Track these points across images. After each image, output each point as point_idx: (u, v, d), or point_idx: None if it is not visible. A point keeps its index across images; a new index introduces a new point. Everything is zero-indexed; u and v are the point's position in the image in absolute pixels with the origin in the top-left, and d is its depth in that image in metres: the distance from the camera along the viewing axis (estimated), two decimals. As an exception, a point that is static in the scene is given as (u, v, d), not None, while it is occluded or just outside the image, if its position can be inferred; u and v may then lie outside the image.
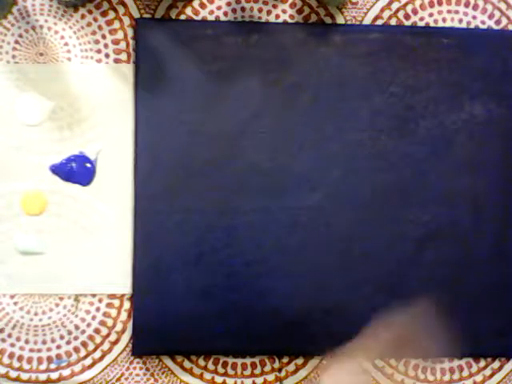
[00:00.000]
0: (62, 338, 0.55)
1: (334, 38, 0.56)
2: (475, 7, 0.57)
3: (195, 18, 0.56)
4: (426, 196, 0.55)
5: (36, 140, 0.55)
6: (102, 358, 0.55)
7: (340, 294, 0.55)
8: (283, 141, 0.55)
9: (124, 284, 0.55)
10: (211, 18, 0.56)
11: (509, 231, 0.56)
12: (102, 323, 0.55)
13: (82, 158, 0.55)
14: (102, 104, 0.55)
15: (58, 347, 0.55)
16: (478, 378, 0.57)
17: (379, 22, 0.57)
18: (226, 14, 0.56)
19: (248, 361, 0.56)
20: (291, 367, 0.56)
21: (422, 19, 0.57)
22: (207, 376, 0.55)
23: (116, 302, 0.55)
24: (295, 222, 0.55)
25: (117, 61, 0.56)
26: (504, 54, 0.56)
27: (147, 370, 0.55)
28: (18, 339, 0.55)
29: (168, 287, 0.54)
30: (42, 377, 0.55)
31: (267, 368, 0.56)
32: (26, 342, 0.55)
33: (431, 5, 0.57)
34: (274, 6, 0.57)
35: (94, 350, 0.55)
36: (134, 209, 0.54)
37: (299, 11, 0.57)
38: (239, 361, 0.56)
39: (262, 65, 0.55)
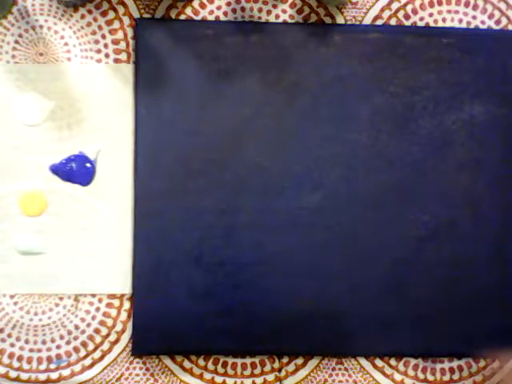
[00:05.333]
0: (61, 338, 0.55)
1: (334, 38, 0.56)
2: (475, 7, 0.57)
3: (195, 18, 0.56)
4: (425, 196, 0.56)
5: (36, 140, 0.55)
6: (101, 358, 0.55)
7: (340, 294, 0.55)
8: (283, 141, 0.55)
9: (124, 284, 0.55)
10: (211, 18, 0.56)
11: (509, 231, 0.56)
12: (102, 323, 0.55)
13: (81, 158, 0.55)
14: (102, 104, 0.55)
15: (58, 347, 0.55)
16: (478, 378, 0.57)
17: (379, 22, 0.57)
18: (225, 14, 0.56)
19: (248, 361, 0.56)
20: (291, 367, 0.56)
21: (421, 19, 0.57)
22: (207, 376, 0.55)
23: (116, 302, 0.55)
24: (295, 222, 0.55)
25: (117, 61, 0.56)
26: (504, 54, 0.56)
27: (147, 370, 0.55)
28: (18, 339, 0.55)
29: (168, 287, 0.54)
30: (42, 377, 0.55)
31: (267, 368, 0.56)
32: (26, 341, 0.55)
33: (431, 5, 0.57)
34: (274, 6, 0.57)
35: (94, 350, 0.55)
36: (134, 209, 0.54)
37: (299, 11, 0.57)
38: (239, 361, 0.56)
39: (262, 65, 0.55)
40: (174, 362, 0.55)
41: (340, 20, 0.57)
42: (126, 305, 0.55)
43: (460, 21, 0.57)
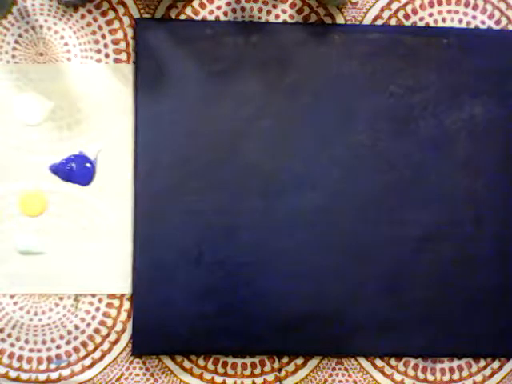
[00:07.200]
0: (61, 338, 0.55)
1: (334, 38, 0.56)
2: (475, 7, 0.58)
3: (195, 18, 0.56)
4: (426, 196, 0.56)
5: (36, 140, 0.55)
6: (101, 358, 0.55)
7: (340, 294, 0.55)
8: (283, 141, 0.55)
9: (124, 284, 0.55)
10: (211, 18, 0.56)
11: (509, 231, 0.56)
12: (102, 323, 0.55)
13: (81, 158, 0.55)
14: (102, 104, 0.55)
15: (58, 347, 0.55)
16: (478, 377, 0.57)
17: (379, 22, 0.57)
18: (225, 13, 0.56)
19: (248, 361, 0.56)
20: (291, 367, 0.56)
21: (421, 19, 0.57)
22: (207, 376, 0.55)
23: (116, 302, 0.55)
24: (295, 221, 0.55)
25: (117, 61, 0.56)
26: (504, 54, 0.56)
27: (147, 370, 0.55)
28: (18, 339, 0.55)
29: (168, 287, 0.54)
30: (42, 377, 0.55)
31: (267, 368, 0.56)
32: (26, 342, 0.55)
33: (431, 5, 0.57)
34: (274, 6, 0.57)
35: (94, 349, 0.55)
36: (134, 209, 0.54)
37: (299, 11, 0.57)
38: (239, 361, 0.56)
39: (262, 65, 0.55)
40: (174, 362, 0.55)
41: (340, 20, 0.57)
42: (126, 305, 0.55)
43: (460, 21, 0.57)
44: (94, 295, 0.55)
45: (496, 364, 0.57)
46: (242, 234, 0.54)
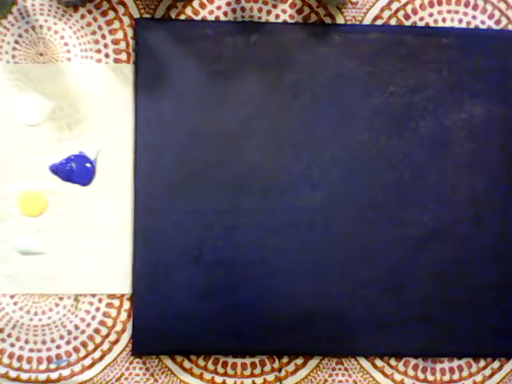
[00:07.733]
0: (61, 338, 0.55)
1: (334, 38, 0.56)
2: (475, 7, 0.58)
3: (195, 18, 0.56)
4: (425, 196, 0.56)
5: (36, 140, 0.55)
6: (101, 358, 0.55)
7: (340, 294, 0.55)
8: (283, 141, 0.55)
9: (124, 284, 0.55)
10: (211, 18, 0.56)
11: (509, 231, 0.56)
12: (102, 323, 0.55)
13: (81, 158, 0.55)
14: (102, 104, 0.55)
15: (58, 347, 0.55)
16: (478, 377, 0.57)
17: (379, 22, 0.57)
18: (225, 13, 0.56)
19: (248, 361, 0.56)
20: (291, 367, 0.56)
21: (421, 19, 0.57)
22: (207, 376, 0.55)
23: (116, 302, 0.55)
24: (295, 221, 0.55)
25: (117, 61, 0.56)
26: (504, 54, 0.56)
27: (147, 369, 0.55)
28: (18, 339, 0.55)
29: (168, 287, 0.54)
30: (42, 377, 0.55)
31: (267, 368, 0.56)
32: (26, 342, 0.55)
33: (431, 5, 0.57)
34: (274, 6, 0.57)
35: (94, 349, 0.55)
36: (134, 209, 0.54)
37: (299, 11, 0.57)
38: (239, 361, 0.56)
39: (262, 65, 0.55)
40: (174, 362, 0.55)
41: (340, 20, 0.57)
42: (126, 305, 0.55)
43: (460, 21, 0.57)
44: (94, 295, 0.55)
45: (496, 364, 0.57)
46: (242, 234, 0.54)
